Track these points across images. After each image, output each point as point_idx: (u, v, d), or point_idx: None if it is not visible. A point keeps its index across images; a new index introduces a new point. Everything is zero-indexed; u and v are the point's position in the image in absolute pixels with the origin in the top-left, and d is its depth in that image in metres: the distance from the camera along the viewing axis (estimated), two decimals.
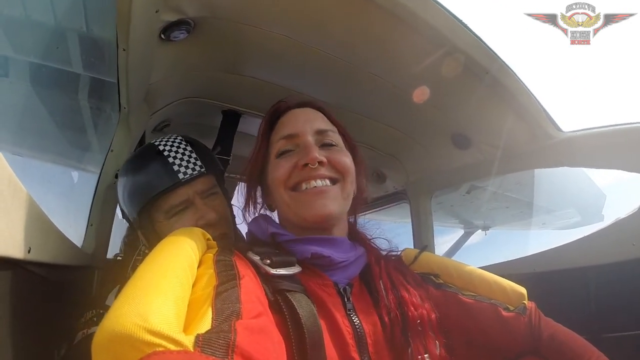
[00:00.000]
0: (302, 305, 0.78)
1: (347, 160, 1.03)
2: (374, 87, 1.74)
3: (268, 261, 0.85)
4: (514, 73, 1.54)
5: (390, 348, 0.89)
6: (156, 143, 1.44)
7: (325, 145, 1.04)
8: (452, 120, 1.90)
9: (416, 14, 1.31)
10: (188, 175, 1.36)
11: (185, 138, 1.47)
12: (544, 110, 1.70)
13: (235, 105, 2.02)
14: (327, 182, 0.99)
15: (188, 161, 1.39)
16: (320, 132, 1.05)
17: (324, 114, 1.12)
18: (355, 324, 0.89)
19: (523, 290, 1.05)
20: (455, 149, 2.07)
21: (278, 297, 0.79)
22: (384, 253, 1.13)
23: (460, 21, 1.36)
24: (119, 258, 1.66)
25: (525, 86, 1.59)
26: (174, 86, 1.81)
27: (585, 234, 1.70)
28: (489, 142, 1.94)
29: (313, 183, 0.98)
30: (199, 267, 0.72)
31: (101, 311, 1.29)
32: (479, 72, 1.52)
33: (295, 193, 0.99)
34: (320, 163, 0.98)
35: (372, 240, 1.13)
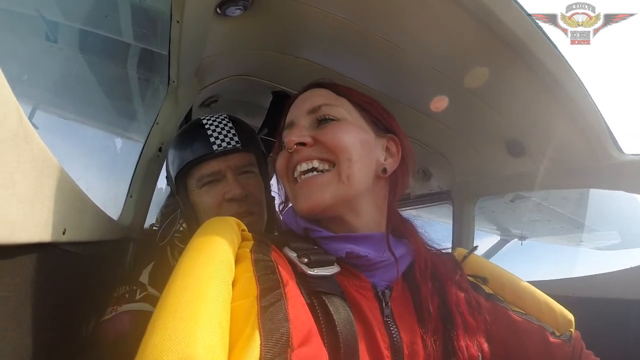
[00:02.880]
0: (339, 310, 0.72)
1: (342, 135, 0.91)
2: (432, 82, 1.66)
3: (306, 260, 0.78)
4: (583, 84, 1.45)
5: (428, 359, 0.83)
6: (202, 118, 1.50)
7: (320, 122, 0.95)
8: (509, 125, 1.81)
9: (490, 10, 1.23)
10: (222, 148, 1.41)
11: (230, 116, 1.51)
12: (608, 128, 1.60)
13: (287, 86, 1.98)
14: (316, 163, 0.90)
15: (225, 135, 1.42)
16: (312, 110, 0.96)
17: (331, 89, 1.02)
18: (393, 332, 0.82)
19: (571, 316, 0.99)
20: (508, 156, 1.97)
21: (314, 299, 0.73)
22: (434, 250, 1.03)
23: (535, 22, 1.28)
24: (154, 228, 1.68)
25: (592, 99, 1.50)
26: (225, 62, 1.78)
27: (633, 265, 1.62)
28: (544, 152, 1.83)
29: (299, 168, 0.92)
30: (235, 263, 0.66)
31: (134, 287, 1.29)
32: (545, 77, 1.42)
33: (293, 185, 0.95)
34: (303, 144, 0.91)
35: (421, 235, 1.01)
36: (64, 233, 0.72)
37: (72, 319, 0.99)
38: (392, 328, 0.82)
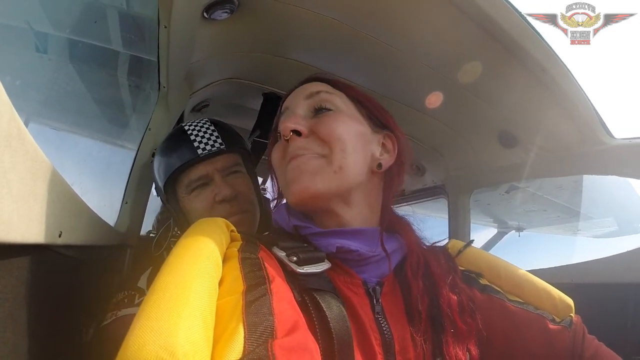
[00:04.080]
0: (331, 306, 0.70)
1: (337, 125, 0.88)
2: (423, 78, 1.66)
3: (295, 258, 0.76)
4: (571, 73, 1.46)
5: (417, 356, 0.81)
6: (184, 124, 1.50)
7: (318, 111, 0.93)
8: (500, 117, 1.82)
9: (479, 5, 1.24)
10: (206, 152, 1.40)
11: (211, 120, 1.51)
12: (597, 114, 1.61)
13: (277, 88, 1.98)
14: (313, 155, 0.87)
15: (209, 139, 1.43)
16: (310, 95, 0.94)
17: (328, 83, 1.00)
18: (384, 328, 0.80)
19: (571, 302, 0.97)
20: (501, 147, 1.98)
21: (305, 297, 0.72)
22: (427, 245, 1.01)
23: (522, 16, 1.29)
24: (151, 235, 1.69)
25: (581, 88, 1.51)
26: (215, 66, 1.79)
27: (629, 249, 1.62)
28: (536, 142, 1.84)
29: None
30: (223, 262, 0.65)
31: (132, 292, 1.29)
32: (535, 70, 1.43)
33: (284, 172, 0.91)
34: (298, 133, 0.88)
35: (415, 232, 0.99)
36: (59, 236, 0.72)
37: (70, 324, 0.99)
38: (383, 324, 0.81)
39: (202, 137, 1.43)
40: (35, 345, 0.70)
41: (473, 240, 1.12)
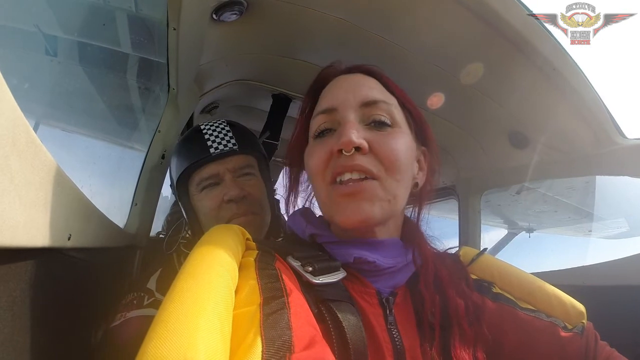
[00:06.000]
0: (348, 316, 0.70)
1: (398, 146, 0.83)
2: (433, 78, 1.65)
3: (310, 268, 0.75)
4: (582, 72, 1.45)
5: None
6: (200, 124, 1.53)
7: (374, 123, 0.85)
8: (511, 117, 1.80)
9: (487, 4, 1.23)
10: (219, 151, 1.43)
11: (228, 121, 1.53)
12: (609, 114, 1.59)
13: (286, 89, 1.99)
14: (363, 175, 0.81)
15: (222, 139, 1.45)
16: (367, 104, 0.86)
17: (379, 80, 0.93)
18: (396, 339, 0.79)
19: (583, 308, 0.94)
20: (511, 148, 1.97)
21: (322, 307, 0.71)
22: (439, 251, 0.99)
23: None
24: (161, 236, 1.69)
25: (593, 87, 1.49)
26: (224, 68, 1.79)
27: None
28: (547, 143, 1.83)
29: (347, 176, 0.81)
30: (239, 271, 0.64)
31: (142, 294, 1.30)
32: (545, 68, 1.42)
33: (332, 191, 0.83)
34: (359, 149, 0.80)
35: (431, 245, 0.97)
36: (69, 239, 0.72)
37: (79, 326, 1.00)
38: (395, 335, 0.80)
39: (217, 136, 1.45)
40: (45, 347, 0.70)
41: (486, 249, 1.10)
